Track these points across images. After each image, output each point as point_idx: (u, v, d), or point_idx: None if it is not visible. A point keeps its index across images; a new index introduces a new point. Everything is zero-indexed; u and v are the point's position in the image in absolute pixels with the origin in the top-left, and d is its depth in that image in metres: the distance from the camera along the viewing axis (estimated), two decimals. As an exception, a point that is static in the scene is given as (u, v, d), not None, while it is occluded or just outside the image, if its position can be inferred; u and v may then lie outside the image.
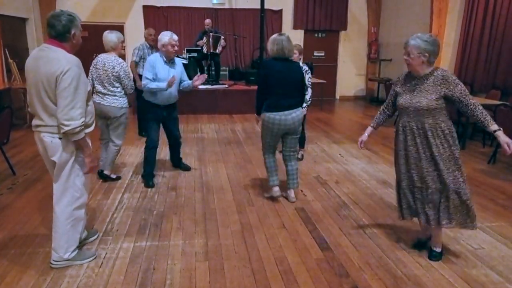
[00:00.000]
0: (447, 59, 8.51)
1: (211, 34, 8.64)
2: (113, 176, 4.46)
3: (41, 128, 2.49)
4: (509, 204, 3.96)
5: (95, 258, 2.86)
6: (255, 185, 4.40)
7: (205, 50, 8.76)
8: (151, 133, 4.35)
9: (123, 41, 4.31)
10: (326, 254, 2.98)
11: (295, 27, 11.00)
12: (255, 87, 4.27)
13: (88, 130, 2.57)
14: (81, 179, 2.68)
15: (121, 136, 4.35)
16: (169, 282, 2.60)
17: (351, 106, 10.65)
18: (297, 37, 11.02)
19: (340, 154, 5.70)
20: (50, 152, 2.53)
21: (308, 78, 4.82)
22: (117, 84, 4.15)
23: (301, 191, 4.26)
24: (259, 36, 9.87)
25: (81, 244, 2.84)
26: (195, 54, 9.01)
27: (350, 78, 11.74)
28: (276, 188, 3.90)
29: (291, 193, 3.95)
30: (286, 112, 3.61)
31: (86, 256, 2.83)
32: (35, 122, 2.52)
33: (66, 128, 2.35)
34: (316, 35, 11.33)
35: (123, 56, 5.27)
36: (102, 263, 2.80)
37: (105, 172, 4.39)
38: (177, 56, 8.79)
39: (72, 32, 2.44)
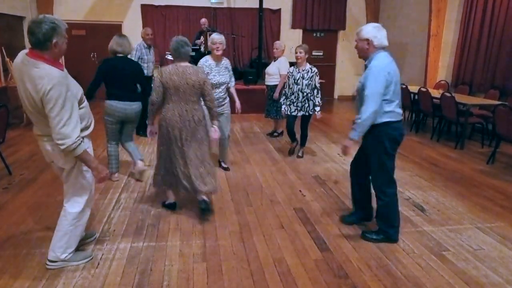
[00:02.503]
0: (445, 59, 8.50)
1: (208, 33, 8.60)
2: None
3: (41, 137, 2.47)
4: (508, 204, 3.95)
5: (91, 259, 2.83)
6: (253, 185, 4.38)
7: (202, 49, 8.72)
8: None
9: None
10: (325, 255, 2.95)
11: (294, 26, 10.97)
12: (254, 87, 4.27)
13: (86, 133, 2.53)
14: (89, 182, 2.68)
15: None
16: (166, 284, 2.57)
17: (350, 105, 10.64)
18: (296, 37, 11.01)
19: (338, 154, 5.68)
20: (53, 158, 2.52)
21: (318, 80, 5.04)
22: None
23: (300, 191, 4.24)
24: (257, 36, 9.84)
25: (79, 245, 2.81)
26: (193, 54, 8.96)
27: (348, 78, 11.72)
28: (116, 175, 4.40)
29: (139, 163, 4.33)
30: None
31: (82, 257, 2.80)
32: (35, 130, 2.49)
33: (62, 147, 2.28)
34: (314, 34, 11.31)
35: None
36: (98, 264, 2.77)
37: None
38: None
39: (54, 41, 2.25)
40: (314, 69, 5.02)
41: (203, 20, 8.81)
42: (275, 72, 6.12)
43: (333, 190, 4.29)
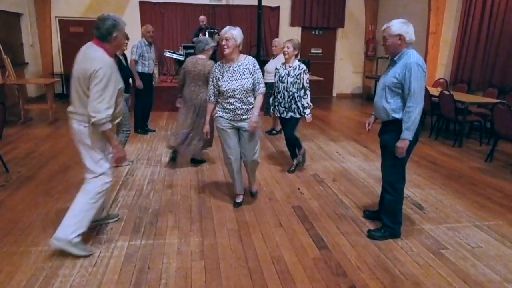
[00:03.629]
0: (444, 57, 8.50)
1: (207, 31, 8.57)
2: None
3: (72, 114, 2.76)
4: (506, 202, 3.95)
5: (90, 255, 2.82)
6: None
7: (201, 46, 8.69)
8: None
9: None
10: (323, 253, 2.95)
11: (292, 24, 10.95)
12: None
13: (116, 122, 2.83)
14: (108, 165, 2.89)
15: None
16: (164, 282, 2.56)
17: (348, 103, 10.64)
18: (294, 34, 10.98)
19: (337, 152, 5.68)
20: (78, 137, 2.77)
21: (306, 79, 4.37)
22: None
23: (298, 189, 4.23)
24: (256, 33, 9.82)
25: (99, 223, 2.94)
26: (191, 51, 8.93)
27: (347, 76, 11.71)
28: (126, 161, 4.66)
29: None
30: None
31: (82, 248, 2.83)
32: (69, 108, 2.80)
33: (93, 119, 2.58)
34: (313, 32, 11.29)
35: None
36: (96, 262, 2.76)
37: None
38: (174, 53, 8.80)
39: (114, 35, 2.70)
40: (303, 66, 4.40)
41: (202, 17, 8.77)
42: (274, 69, 6.09)
43: (331, 188, 4.28)
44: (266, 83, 6.35)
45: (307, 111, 4.42)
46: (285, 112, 4.50)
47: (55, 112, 7.49)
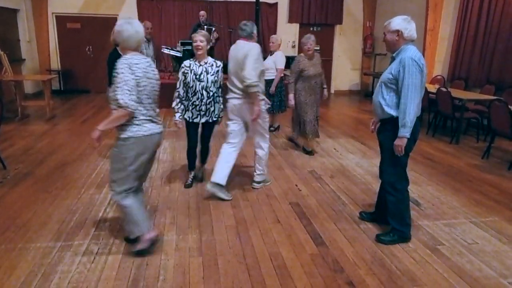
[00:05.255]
0: (442, 54, 8.51)
1: (205, 27, 8.55)
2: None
3: (234, 95, 3.74)
4: (502, 199, 3.98)
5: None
6: (249, 180, 4.37)
7: (199, 43, 8.66)
8: None
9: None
10: (321, 249, 2.97)
11: (290, 20, 10.92)
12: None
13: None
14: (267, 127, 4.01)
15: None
16: (162, 278, 2.57)
17: (346, 100, 10.64)
18: (292, 31, 10.97)
19: (335, 149, 5.69)
20: (239, 112, 3.78)
21: (221, 77, 3.88)
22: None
23: (296, 185, 4.25)
24: (254, 30, 9.79)
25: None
26: (189, 47, 8.90)
27: (345, 73, 11.71)
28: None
29: None
30: None
31: (227, 195, 3.85)
32: (230, 95, 3.79)
33: (248, 82, 3.52)
34: (311, 29, 11.27)
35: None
36: (94, 259, 2.77)
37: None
38: (171, 49, 8.77)
39: (254, 33, 3.82)
40: (220, 63, 3.89)
41: (202, 12, 8.76)
42: (272, 66, 6.09)
43: (329, 185, 4.30)
44: (264, 80, 6.41)
45: (222, 114, 3.99)
46: (199, 116, 3.84)
47: (52, 108, 7.46)
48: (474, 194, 4.10)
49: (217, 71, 3.82)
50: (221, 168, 3.80)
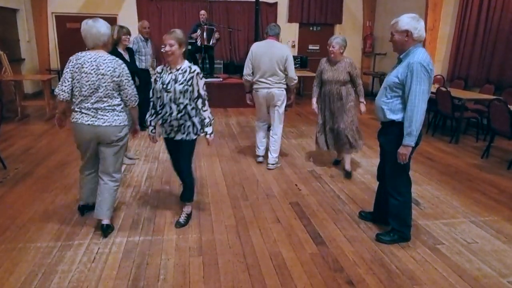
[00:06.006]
0: (441, 53, 8.51)
1: (205, 26, 8.55)
2: (111, 224, 3.17)
3: (274, 84, 4.52)
4: (502, 198, 3.99)
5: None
6: (249, 179, 4.38)
7: (199, 43, 8.67)
8: None
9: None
10: (321, 248, 2.97)
11: (290, 20, 10.93)
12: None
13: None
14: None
15: (119, 168, 3.18)
16: (162, 277, 2.58)
17: (346, 100, 10.63)
18: (292, 31, 10.97)
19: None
20: (274, 99, 4.57)
21: (202, 84, 3.16)
22: (116, 94, 2.97)
23: (296, 185, 4.25)
24: (254, 29, 9.79)
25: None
26: (189, 47, 8.88)
27: (344, 72, 11.69)
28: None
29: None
30: None
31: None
32: (270, 86, 4.52)
33: (295, 81, 4.58)
34: (311, 28, 11.28)
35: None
36: (94, 258, 2.77)
37: (104, 222, 3.08)
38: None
39: (279, 33, 4.61)
40: (195, 68, 3.09)
41: (203, 11, 8.76)
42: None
43: (329, 184, 4.30)
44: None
45: (209, 129, 3.17)
46: (172, 132, 3.17)
47: (52, 108, 7.46)
48: (473, 193, 4.10)
49: (190, 78, 3.04)
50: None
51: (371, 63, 11.35)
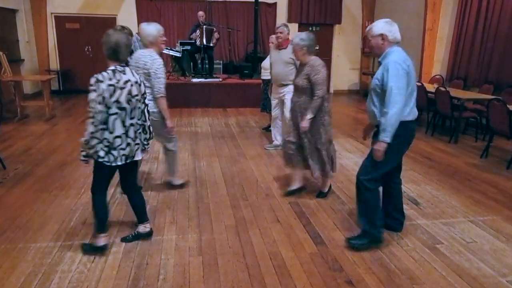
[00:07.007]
0: (440, 53, 8.53)
1: (204, 27, 8.56)
2: (177, 182, 4.08)
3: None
4: (501, 198, 3.99)
5: None
6: (249, 180, 4.39)
7: (198, 43, 8.68)
8: None
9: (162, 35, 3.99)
10: (320, 248, 2.98)
11: (289, 20, 10.93)
12: (249, 81, 4.21)
13: None
14: None
15: (167, 138, 3.79)
16: (162, 277, 2.58)
17: (345, 100, 10.66)
18: (292, 31, 10.95)
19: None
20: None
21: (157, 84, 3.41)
22: (148, 84, 3.38)
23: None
24: (253, 30, 9.80)
25: None
26: (188, 47, 8.92)
27: (344, 72, 11.73)
28: None
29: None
30: None
31: None
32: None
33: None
34: (310, 28, 11.28)
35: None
36: (94, 258, 2.77)
37: (168, 178, 4.05)
38: (171, 49, 8.77)
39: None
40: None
41: (201, 13, 8.76)
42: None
43: (328, 184, 4.31)
44: (263, 80, 6.43)
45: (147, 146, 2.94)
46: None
47: (51, 108, 7.47)
48: (472, 193, 4.11)
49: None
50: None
51: (370, 63, 11.37)
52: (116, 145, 2.63)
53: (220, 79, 9.11)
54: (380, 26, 2.77)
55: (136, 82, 2.70)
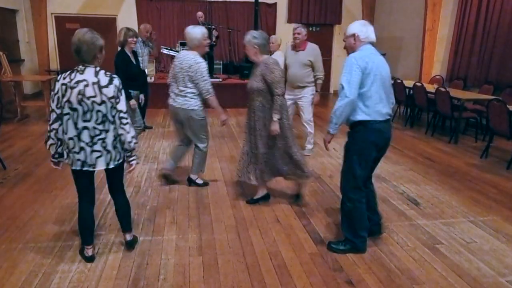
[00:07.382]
0: (440, 54, 8.53)
1: (204, 27, 8.56)
2: (200, 181, 4.18)
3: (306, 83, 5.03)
4: (501, 198, 4.00)
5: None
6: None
7: (198, 43, 8.67)
8: None
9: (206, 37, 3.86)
10: (320, 248, 2.98)
11: (290, 20, 10.95)
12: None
13: None
14: None
15: (201, 139, 3.97)
16: (162, 277, 2.58)
17: (345, 100, 10.63)
18: (291, 31, 10.97)
19: (334, 149, 5.70)
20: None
21: (121, 95, 2.52)
22: (190, 85, 3.68)
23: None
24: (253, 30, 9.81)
25: None
26: (188, 47, 8.91)
27: (344, 73, 11.71)
28: None
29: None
30: None
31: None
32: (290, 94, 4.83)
33: (322, 79, 5.03)
34: (310, 29, 11.27)
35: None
36: (94, 258, 2.77)
37: (191, 176, 4.14)
38: (171, 49, 8.77)
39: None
40: (108, 74, 2.49)
41: (200, 13, 8.75)
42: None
43: (328, 184, 4.31)
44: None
45: (133, 157, 2.76)
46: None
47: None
48: (472, 193, 4.11)
49: (103, 87, 2.51)
50: None
51: (370, 64, 11.35)
52: (70, 147, 2.51)
53: (220, 79, 9.11)
54: (354, 26, 2.83)
55: (95, 83, 2.40)
